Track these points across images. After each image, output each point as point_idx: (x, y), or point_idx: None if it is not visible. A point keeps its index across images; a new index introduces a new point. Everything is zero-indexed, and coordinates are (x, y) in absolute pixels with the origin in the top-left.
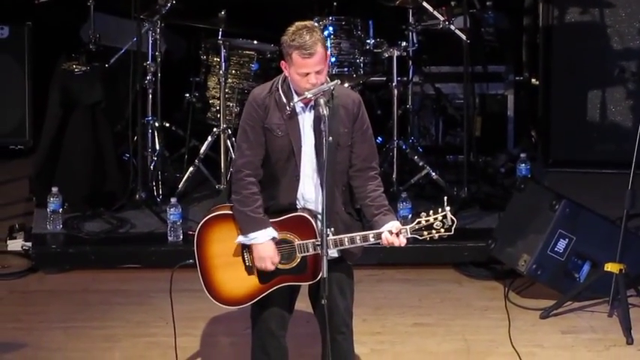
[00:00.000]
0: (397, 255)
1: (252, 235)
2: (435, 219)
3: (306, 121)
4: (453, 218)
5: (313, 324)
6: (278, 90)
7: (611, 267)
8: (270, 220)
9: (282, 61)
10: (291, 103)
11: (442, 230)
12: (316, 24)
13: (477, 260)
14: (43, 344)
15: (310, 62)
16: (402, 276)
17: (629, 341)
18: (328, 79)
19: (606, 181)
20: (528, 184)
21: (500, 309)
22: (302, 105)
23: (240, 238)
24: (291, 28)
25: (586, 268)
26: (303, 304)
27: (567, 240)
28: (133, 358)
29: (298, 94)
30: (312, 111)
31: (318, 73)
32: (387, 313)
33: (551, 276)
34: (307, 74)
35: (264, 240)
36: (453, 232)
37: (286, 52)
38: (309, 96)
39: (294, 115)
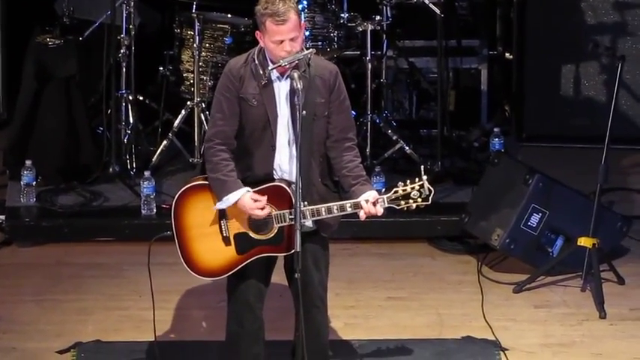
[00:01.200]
0: (371, 229)
1: (225, 197)
2: (412, 188)
3: (281, 91)
4: (430, 188)
5: (287, 297)
6: (254, 60)
7: (585, 241)
8: None
9: (257, 31)
10: (266, 71)
11: (419, 200)
12: None
13: (451, 234)
14: (16, 317)
15: (284, 29)
16: (375, 250)
17: (602, 315)
18: (304, 48)
19: (580, 155)
20: (502, 159)
21: (473, 283)
22: (277, 74)
23: (218, 204)
24: None
25: (559, 242)
26: (277, 277)
27: (540, 214)
28: (106, 330)
29: (274, 64)
30: (288, 80)
31: (292, 40)
32: (360, 287)
33: (525, 250)
34: (282, 42)
35: (238, 197)
36: (430, 202)
37: (260, 20)
38: (283, 64)
39: (269, 84)
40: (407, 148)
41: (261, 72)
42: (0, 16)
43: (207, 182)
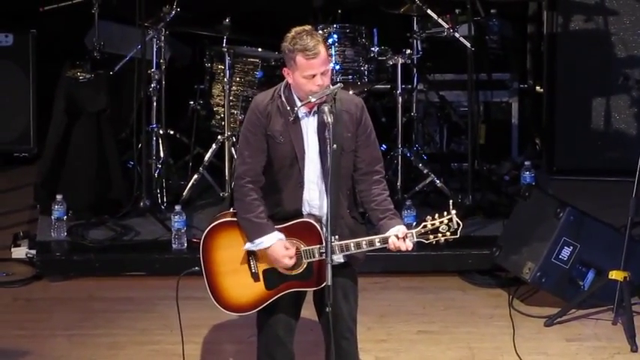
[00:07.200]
0: (401, 263)
1: (257, 240)
2: (441, 222)
3: (309, 127)
4: (459, 222)
5: (317, 331)
6: (280, 97)
7: (616, 274)
8: (276, 227)
9: (285, 68)
10: (295, 109)
11: (448, 234)
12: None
13: (482, 268)
14: (47, 352)
15: (315, 63)
16: (406, 284)
17: (634, 349)
18: (330, 84)
19: (610, 188)
20: (533, 192)
21: (504, 317)
22: (305, 111)
23: (248, 245)
24: (290, 34)
25: (590, 275)
26: (306, 311)
27: (572, 247)
28: None
29: (301, 100)
30: (316, 117)
31: (323, 74)
32: (391, 321)
33: (556, 284)
34: (313, 76)
35: (270, 243)
36: (458, 236)
37: (289, 57)
38: (313, 100)
39: (297, 121)
40: (437, 181)
41: (288, 108)
42: (31, 51)
43: (235, 219)
